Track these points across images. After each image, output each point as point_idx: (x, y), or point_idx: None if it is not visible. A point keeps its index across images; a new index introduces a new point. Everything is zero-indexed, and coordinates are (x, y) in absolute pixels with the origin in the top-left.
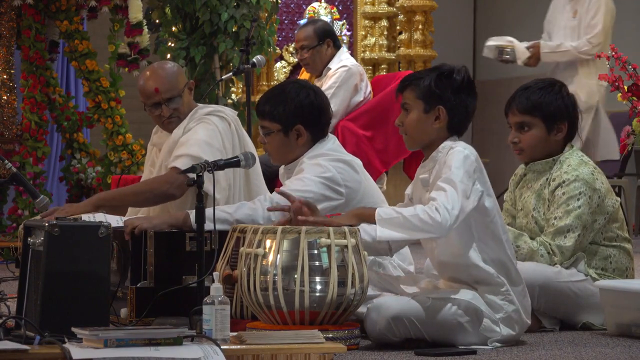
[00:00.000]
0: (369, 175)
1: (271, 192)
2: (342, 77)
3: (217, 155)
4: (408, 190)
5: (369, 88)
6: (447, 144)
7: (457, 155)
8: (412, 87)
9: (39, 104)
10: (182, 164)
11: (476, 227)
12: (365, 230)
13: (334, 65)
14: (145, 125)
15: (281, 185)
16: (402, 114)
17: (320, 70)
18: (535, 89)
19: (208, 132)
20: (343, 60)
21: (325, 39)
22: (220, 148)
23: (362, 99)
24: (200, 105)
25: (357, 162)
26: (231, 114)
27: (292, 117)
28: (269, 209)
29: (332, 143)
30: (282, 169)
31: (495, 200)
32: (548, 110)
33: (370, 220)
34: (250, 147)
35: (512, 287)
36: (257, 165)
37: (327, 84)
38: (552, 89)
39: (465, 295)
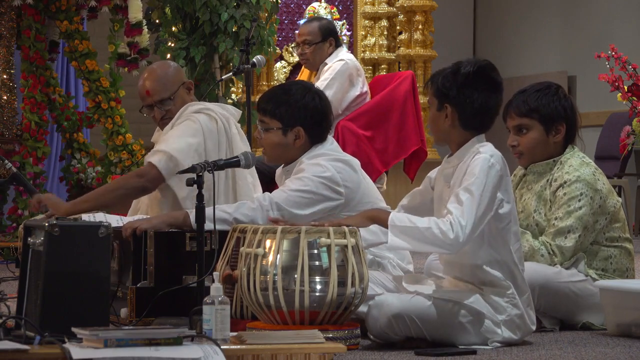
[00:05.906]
0: (366, 175)
1: (270, 191)
2: (338, 69)
3: (193, 154)
4: (432, 175)
5: (366, 85)
6: (474, 144)
7: (482, 164)
8: (431, 86)
9: (39, 104)
10: (157, 159)
11: (488, 232)
12: (377, 233)
13: (330, 60)
14: (145, 125)
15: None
16: None
17: (318, 67)
18: (531, 92)
19: (190, 131)
20: (340, 55)
21: (328, 37)
22: (198, 148)
23: (358, 93)
24: (191, 102)
25: (356, 161)
26: (222, 111)
27: (294, 118)
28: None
29: (330, 144)
30: (279, 171)
31: (514, 206)
32: (545, 112)
33: (383, 224)
34: (240, 147)
35: (517, 294)
36: (252, 170)
37: (322, 77)
38: (548, 91)
39: (468, 297)
